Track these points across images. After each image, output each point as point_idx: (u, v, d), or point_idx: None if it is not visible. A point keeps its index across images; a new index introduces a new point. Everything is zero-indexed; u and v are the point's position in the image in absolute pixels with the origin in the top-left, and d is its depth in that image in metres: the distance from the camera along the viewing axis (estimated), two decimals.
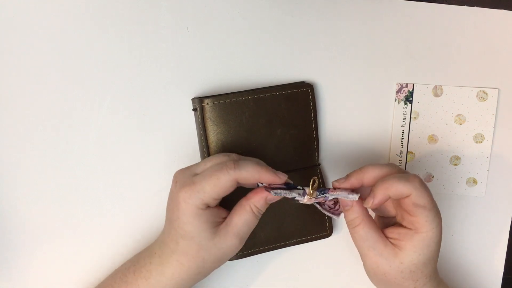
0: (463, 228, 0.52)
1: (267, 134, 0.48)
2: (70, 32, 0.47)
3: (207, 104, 0.46)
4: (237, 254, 0.47)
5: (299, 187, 0.41)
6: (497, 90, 0.50)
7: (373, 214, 0.45)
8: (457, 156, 0.51)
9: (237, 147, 0.47)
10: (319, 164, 0.50)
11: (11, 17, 0.46)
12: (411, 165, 0.51)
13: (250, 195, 0.42)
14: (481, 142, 0.51)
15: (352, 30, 0.49)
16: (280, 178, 0.41)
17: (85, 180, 0.49)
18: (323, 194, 0.41)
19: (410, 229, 0.41)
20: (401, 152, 0.51)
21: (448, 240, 0.52)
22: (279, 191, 0.40)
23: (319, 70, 0.50)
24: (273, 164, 0.47)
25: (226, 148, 0.47)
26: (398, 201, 0.42)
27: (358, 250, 0.43)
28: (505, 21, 0.50)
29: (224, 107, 0.46)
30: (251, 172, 0.40)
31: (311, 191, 0.41)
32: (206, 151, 0.47)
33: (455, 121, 0.51)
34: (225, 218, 0.42)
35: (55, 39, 0.47)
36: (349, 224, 0.43)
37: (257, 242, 0.48)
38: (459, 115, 0.51)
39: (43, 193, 0.48)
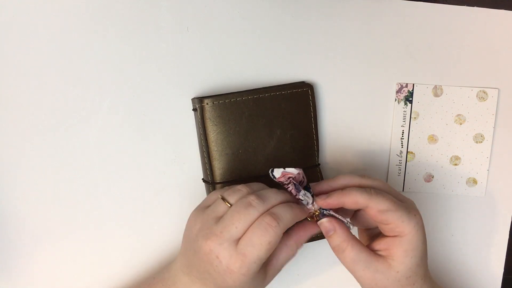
0: (463, 228, 0.52)
1: (267, 134, 0.48)
2: (70, 32, 0.47)
3: (207, 104, 0.46)
4: None
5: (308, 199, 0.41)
6: (497, 90, 0.50)
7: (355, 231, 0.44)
8: (457, 156, 0.51)
9: (237, 147, 0.47)
10: (319, 164, 0.50)
11: (11, 17, 0.46)
12: (411, 165, 0.51)
13: (294, 235, 0.41)
14: (481, 142, 0.51)
15: (352, 30, 0.49)
16: (307, 211, 0.41)
17: (85, 180, 0.49)
18: (323, 214, 0.41)
19: (394, 236, 0.41)
20: (401, 152, 0.51)
21: (448, 240, 0.52)
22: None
23: (319, 70, 0.50)
24: (273, 164, 0.48)
25: (226, 148, 0.47)
26: (372, 217, 0.41)
27: (352, 273, 0.42)
28: (505, 21, 0.50)
29: (224, 107, 0.46)
30: (291, 219, 0.40)
31: (315, 213, 0.41)
32: (206, 151, 0.47)
33: (455, 121, 0.51)
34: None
35: (55, 39, 0.47)
36: (336, 249, 0.41)
37: None
38: (459, 115, 0.51)
39: (43, 193, 0.48)
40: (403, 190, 0.52)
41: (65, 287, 0.49)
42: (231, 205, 0.40)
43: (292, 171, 0.41)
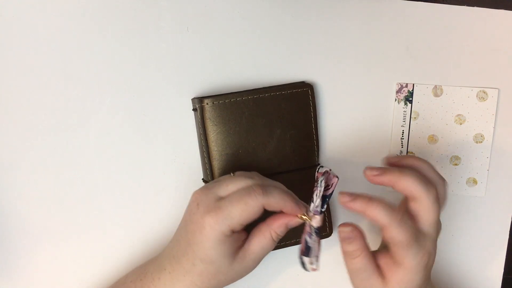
0: (463, 228, 0.52)
1: (267, 134, 0.48)
2: (71, 32, 0.47)
3: (207, 104, 0.46)
4: None
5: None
6: (497, 90, 0.50)
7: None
8: (457, 156, 0.51)
9: (237, 147, 0.47)
10: (319, 164, 0.50)
11: (11, 17, 0.46)
12: None
13: (270, 221, 0.41)
14: (481, 142, 0.51)
15: (352, 30, 0.49)
16: (301, 208, 0.40)
17: (85, 180, 0.49)
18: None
19: (394, 260, 0.40)
20: (401, 152, 0.51)
21: (448, 240, 0.52)
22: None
23: (319, 70, 0.50)
24: (273, 164, 0.48)
25: (226, 148, 0.47)
26: (384, 237, 0.40)
27: (350, 278, 0.42)
28: (505, 21, 0.50)
29: (223, 107, 0.46)
30: (278, 200, 0.39)
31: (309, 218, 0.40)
32: (206, 151, 0.47)
33: (455, 121, 0.51)
34: (244, 240, 0.41)
35: (55, 39, 0.47)
36: (347, 254, 0.41)
37: None
38: (459, 115, 0.51)
39: (43, 193, 0.48)
40: None
41: (65, 287, 0.49)
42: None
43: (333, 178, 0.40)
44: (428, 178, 0.40)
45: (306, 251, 0.40)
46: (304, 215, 0.40)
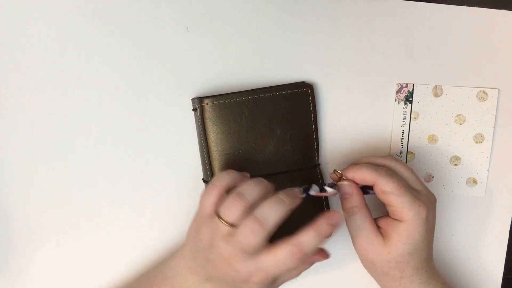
0: (463, 228, 0.52)
1: (267, 134, 0.48)
2: (70, 32, 0.47)
3: (207, 104, 0.46)
4: None
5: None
6: (497, 90, 0.50)
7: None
8: (457, 156, 0.51)
9: (237, 147, 0.47)
10: (319, 164, 0.50)
11: (11, 17, 0.46)
12: (411, 165, 0.51)
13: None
14: (481, 142, 0.51)
15: (352, 30, 0.49)
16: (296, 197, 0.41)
17: (85, 180, 0.49)
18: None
19: (395, 219, 0.43)
20: (401, 152, 0.51)
21: (448, 240, 0.52)
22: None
23: (319, 70, 0.50)
24: (273, 164, 0.48)
25: (226, 148, 0.47)
26: (377, 195, 0.43)
27: (352, 237, 0.45)
28: (505, 21, 0.50)
29: (223, 107, 0.46)
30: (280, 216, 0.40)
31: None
32: (206, 151, 0.47)
33: (455, 121, 0.51)
34: None
35: (55, 39, 0.47)
36: (346, 212, 0.44)
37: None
38: (459, 115, 0.51)
39: (43, 193, 0.48)
40: None
41: (65, 287, 0.49)
42: (229, 224, 0.39)
43: (329, 191, 0.44)
44: (377, 164, 0.44)
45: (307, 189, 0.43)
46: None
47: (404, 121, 0.51)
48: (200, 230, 0.41)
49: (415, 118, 0.51)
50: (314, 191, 0.43)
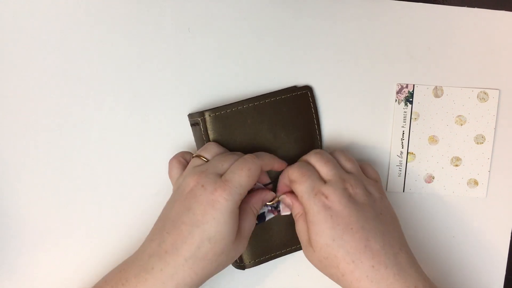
0: (464, 229, 0.52)
1: (272, 139, 0.47)
2: (71, 33, 0.47)
3: (209, 116, 0.46)
4: (255, 260, 0.48)
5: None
6: (497, 91, 0.50)
7: None
8: (458, 157, 0.51)
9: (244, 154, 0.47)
10: None
11: (12, 17, 0.47)
12: (411, 166, 0.51)
13: (249, 198, 0.43)
14: (482, 143, 0.51)
15: (352, 31, 0.50)
16: (284, 163, 0.46)
17: (86, 181, 0.49)
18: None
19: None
20: (401, 153, 0.51)
21: (449, 241, 0.52)
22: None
23: (319, 71, 0.50)
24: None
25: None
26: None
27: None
28: (505, 22, 0.50)
29: (226, 118, 0.46)
30: (268, 159, 0.44)
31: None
32: None
33: (455, 122, 0.51)
34: None
35: (56, 39, 0.47)
36: (294, 217, 0.45)
37: (273, 247, 0.49)
38: (460, 116, 0.51)
39: (43, 193, 0.48)
40: (403, 191, 0.51)
41: (65, 287, 0.49)
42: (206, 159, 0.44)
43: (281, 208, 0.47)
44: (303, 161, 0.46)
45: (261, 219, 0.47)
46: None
47: (405, 122, 0.51)
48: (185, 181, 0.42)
49: (415, 118, 0.51)
50: (268, 216, 0.46)
